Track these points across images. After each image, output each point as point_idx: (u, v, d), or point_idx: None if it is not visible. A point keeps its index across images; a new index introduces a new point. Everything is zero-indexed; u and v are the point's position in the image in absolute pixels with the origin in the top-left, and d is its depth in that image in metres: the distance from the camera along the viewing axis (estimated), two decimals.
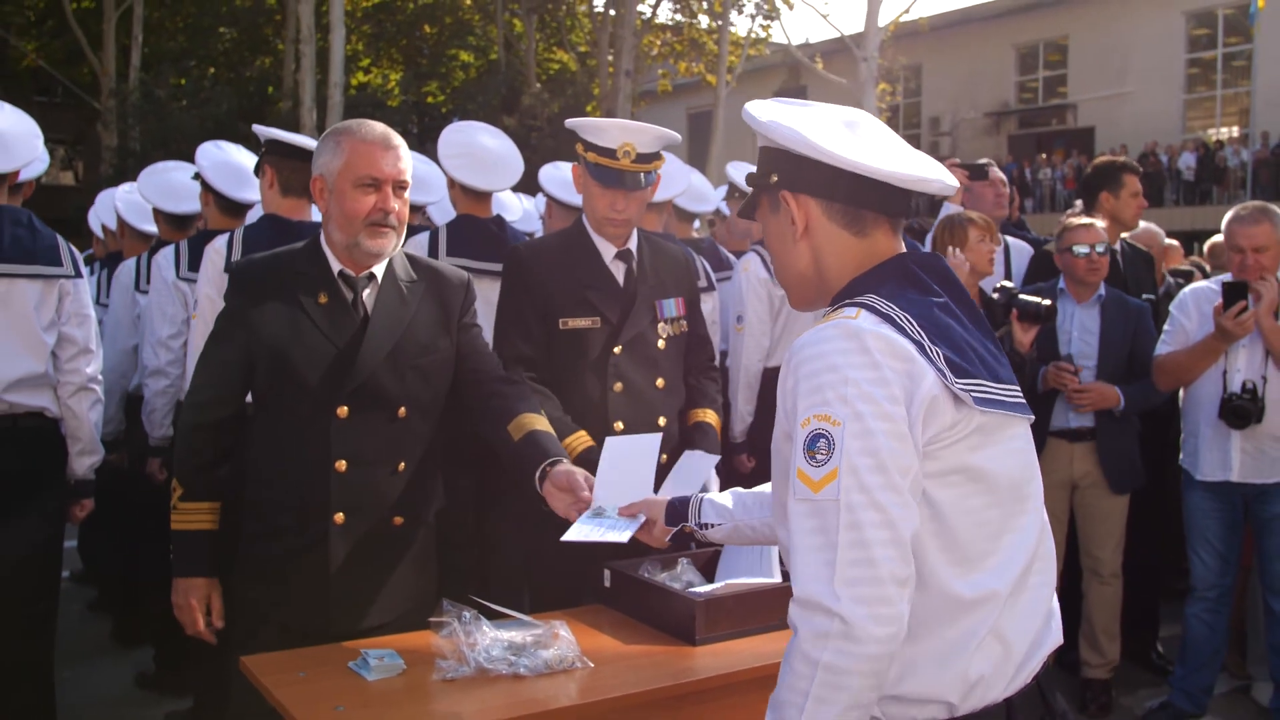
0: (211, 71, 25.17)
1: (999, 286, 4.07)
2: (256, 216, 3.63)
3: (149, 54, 23.74)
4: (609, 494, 2.39)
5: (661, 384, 3.04)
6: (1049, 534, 1.65)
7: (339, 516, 2.42)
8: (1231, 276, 3.92)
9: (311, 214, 3.43)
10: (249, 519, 2.49)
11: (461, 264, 3.76)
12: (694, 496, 2.21)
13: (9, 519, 3.28)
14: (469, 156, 3.88)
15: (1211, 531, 4.01)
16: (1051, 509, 2.20)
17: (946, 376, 1.45)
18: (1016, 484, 1.57)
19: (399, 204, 2.46)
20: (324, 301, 2.44)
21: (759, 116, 1.65)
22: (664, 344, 3.05)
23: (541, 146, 19.64)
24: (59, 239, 3.40)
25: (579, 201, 4.22)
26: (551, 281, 2.96)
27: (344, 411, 2.42)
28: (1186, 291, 4.13)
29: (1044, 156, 26.31)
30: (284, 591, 2.44)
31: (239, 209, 3.87)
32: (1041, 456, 3.16)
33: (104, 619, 5.30)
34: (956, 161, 4.98)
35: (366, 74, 28.24)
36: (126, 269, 4.64)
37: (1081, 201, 4.89)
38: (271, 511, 2.46)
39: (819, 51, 26.43)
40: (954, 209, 4.30)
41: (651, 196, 3.12)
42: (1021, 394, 1.63)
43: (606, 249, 3.02)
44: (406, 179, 2.48)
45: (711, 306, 4.36)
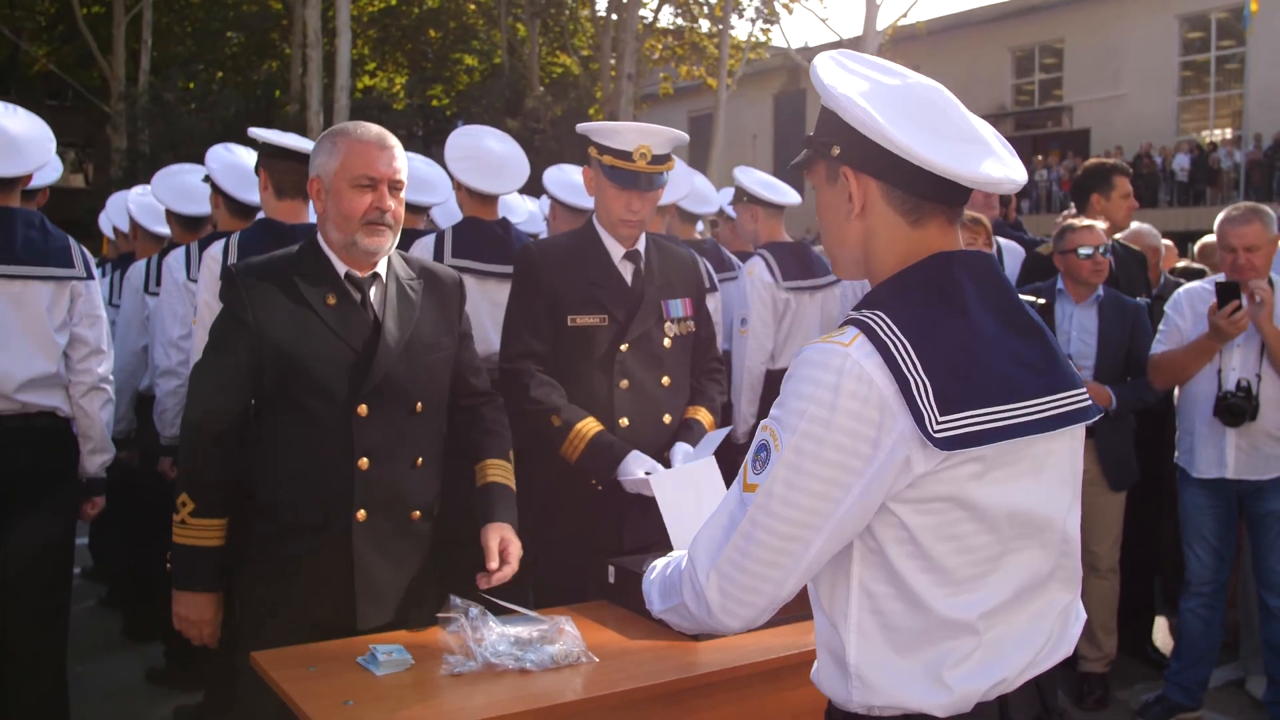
0: (219, 75, 25.15)
1: None
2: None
3: (158, 58, 23.77)
4: (681, 531, 2.49)
5: (667, 382, 3.07)
6: (1072, 553, 1.58)
7: (361, 513, 2.43)
8: (1225, 276, 3.96)
9: (308, 216, 3.41)
10: (261, 520, 2.46)
11: (467, 266, 3.81)
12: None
13: (23, 516, 3.29)
14: (475, 160, 3.91)
15: (1207, 528, 4.03)
16: None
17: (926, 420, 1.38)
18: (1021, 511, 1.49)
19: (395, 203, 2.47)
20: (333, 303, 2.45)
21: (833, 89, 1.52)
22: (670, 343, 3.07)
23: (544, 149, 19.62)
24: (71, 241, 3.41)
25: (583, 203, 4.31)
26: (561, 279, 2.99)
27: (364, 410, 2.43)
28: (1181, 291, 4.15)
29: (1040, 158, 26.23)
30: (305, 590, 2.43)
31: (248, 211, 3.86)
32: None
33: (115, 615, 5.31)
34: None
35: (372, 78, 28.29)
36: (137, 271, 4.66)
37: (1075, 204, 4.93)
38: (289, 511, 2.43)
39: (818, 55, 26.47)
40: None
41: (662, 197, 3.17)
42: (1072, 400, 1.52)
43: (615, 249, 3.05)
44: (402, 179, 2.49)
45: (714, 306, 4.38)
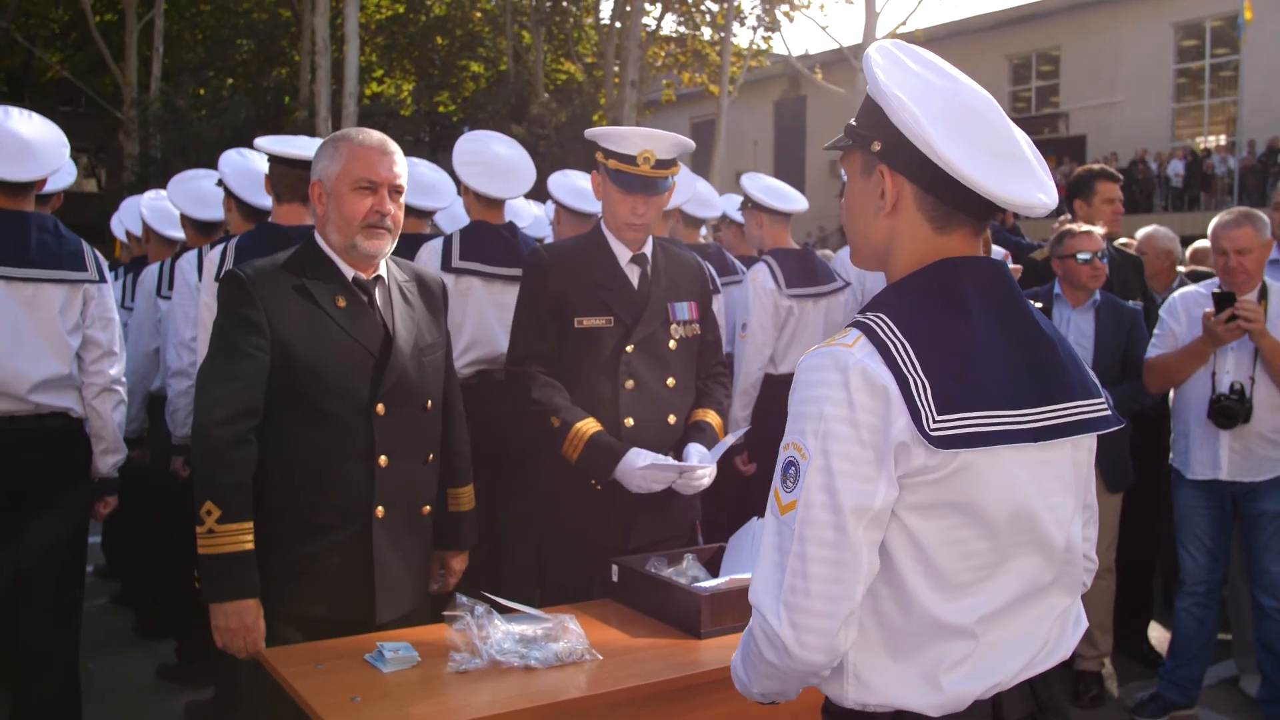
0: (230, 82, 25.20)
1: None
2: None
3: (169, 65, 23.97)
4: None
5: (672, 383, 3.08)
6: (1075, 561, 1.58)
7: (380, 510, 2.48)
8: (1219, 282, 4.01)
9: (306, 220, 3.45)
10: (275, 521, 2.43)
11: (475, 268, 3.88)
12: None
13: (37, 515, 3.33)
14: (483, 164, 3.97)
15: (1201, 529, 4.07)
16: None
17: (923, 417, 1.40)
18: (1022, 515, 1.49)
19: (394, 208, 2.52)
20: (343, 305, 2.49)
21: (885, 86, 1.50)
22: (675, 345, 3.09)
23: (549, 155, 19.70)
24: (84, 244, 3.44)
25: (587, 208, 4.37)
26: (568, 282, 3.02)
27: (381, 409, 2.48)
28: (1176, 295, 4.18)
29: None
30: (325, 587, 2.46)
31: (260, 214, 3.88)
32: None
33: (126, 612, 5.36)
34: None
35: (380, 84, 28.41)
36: (149, 274, 4.70)
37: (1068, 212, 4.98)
38: (306, 511, 2.45)
39: (818, 63, 26.54)
40: None
41: (668, 201, 3.21)
42: (1079, 410, 1.53)
43: (622, 253, 3.07)
44: (402, 184, 2.54)
45: (716, 310, 4.43)
